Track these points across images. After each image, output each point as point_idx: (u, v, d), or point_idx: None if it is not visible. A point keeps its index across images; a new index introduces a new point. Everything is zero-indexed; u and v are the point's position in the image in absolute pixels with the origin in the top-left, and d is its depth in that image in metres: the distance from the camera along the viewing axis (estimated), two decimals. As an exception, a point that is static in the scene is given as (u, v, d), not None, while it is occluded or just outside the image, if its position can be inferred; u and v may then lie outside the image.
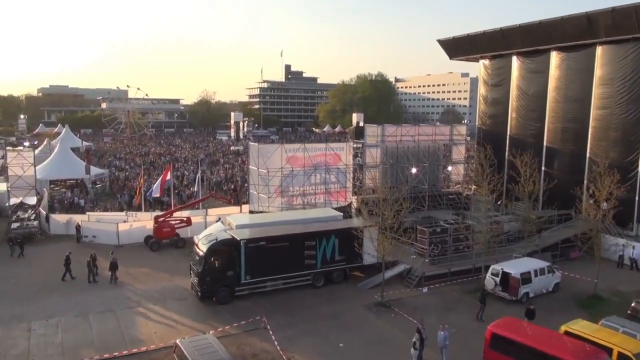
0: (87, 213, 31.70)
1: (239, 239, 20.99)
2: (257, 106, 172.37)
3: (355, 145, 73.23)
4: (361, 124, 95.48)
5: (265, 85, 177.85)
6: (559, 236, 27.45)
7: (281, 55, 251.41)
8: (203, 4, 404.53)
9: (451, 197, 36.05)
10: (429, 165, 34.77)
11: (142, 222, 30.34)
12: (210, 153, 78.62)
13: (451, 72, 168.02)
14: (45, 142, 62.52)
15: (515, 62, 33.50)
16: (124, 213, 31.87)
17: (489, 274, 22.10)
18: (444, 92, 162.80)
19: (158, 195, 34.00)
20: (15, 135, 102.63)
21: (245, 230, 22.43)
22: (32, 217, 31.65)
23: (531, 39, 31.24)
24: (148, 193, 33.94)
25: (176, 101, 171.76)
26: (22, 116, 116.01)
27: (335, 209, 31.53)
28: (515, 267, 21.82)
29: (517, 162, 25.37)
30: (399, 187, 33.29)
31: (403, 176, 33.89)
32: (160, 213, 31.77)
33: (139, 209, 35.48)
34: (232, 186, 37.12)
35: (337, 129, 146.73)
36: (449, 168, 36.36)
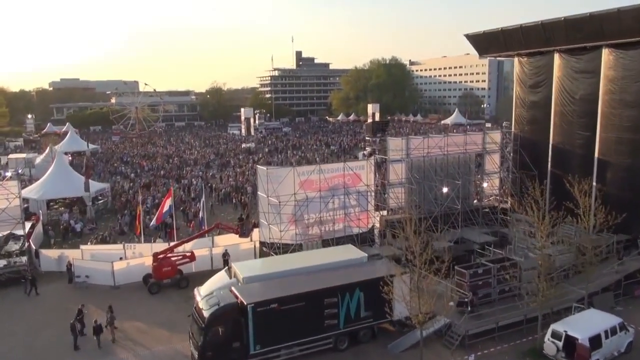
0: (81, 247, 28.48)
1: (246, 302, 17.46)
2: (268, 95, 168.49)
3: (371, 139, 69.61)
4: (377, 114, 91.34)
5: (276, 73, 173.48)
6: (623, 271, 23.51)
7: (292, 41, 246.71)
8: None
9: (485, 210, 32.20)
10: (461, 180, 30.83)
11: (140, 259, 26.99)
12: (221, 153, 75.19)
13: (468, 54, 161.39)
14: (47, 150, 59.59)
15: (558, 60, 29.16)
16: (121, 246, 28.57)
17: (548, 335, 18.30)
18: (461, 74, 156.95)
19: (157, 223, 30.62)
20: (23, 136, 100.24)
21: (254, 287, 18.89)
22: (21, 253, 28.62)
23: (578, 35, 26.88)
24: (151, 224, 30.65)
25: (186, 93, 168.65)
26: (29, 116, 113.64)
27: (357, 235, 28.15)
28: (581, 327, 17.94)
29: (574, 191, 21.17)
30: (428, 207, 29.75)
31: (431, 194, 30.00)
32: (160, 246, 28.62)
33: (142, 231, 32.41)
34: (239, 215, 33.60)
35: (352, 117, 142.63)
36: (484, 185, 32.38)
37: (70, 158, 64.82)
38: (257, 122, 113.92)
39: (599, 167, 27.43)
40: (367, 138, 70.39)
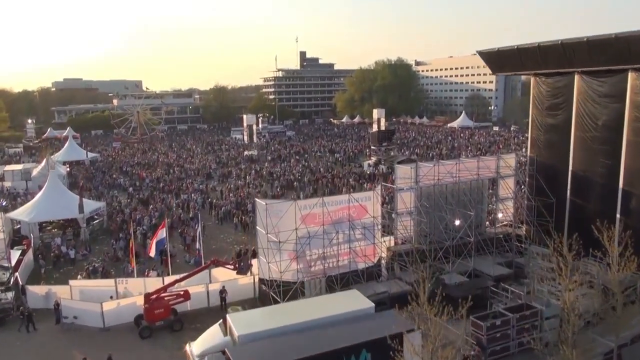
0: (70, 283, 26.79)
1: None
2: (272, 96, 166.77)
3: (375, 148, 67.67)
4: (382, 120, 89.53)
5: (280, 74, 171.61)
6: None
7: (296, 42, 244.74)
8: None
9: (499, 236, 30.31)
10: (474, 207, 28.98)
11: (132, 299, 25.28)
12: (223, 162, 73.48)
13: (475, 54, 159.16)
14: (44, 162, 57.97)
15: (579, 82, 27.18)
16: (112, 281, 26.88)
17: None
18: (467, 75, 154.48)
19: (151, 255, 28.91)
20: (23, 142, 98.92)
21: (249, 349, 17.10)
22: (7, 289, 26.97)
23: (602, 57, 24.89)
24: (156, 245, 28.88)
25: (189, 94, 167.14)
26: (30, 121, 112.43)
27: (362, 270, 26.36)
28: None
29: (603, 239, 19.16)
30: (438, 236, 27.93)
31: (442, 223, 28.14)
32: (154, 281, 26.93)
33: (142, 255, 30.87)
34: (237, 250, 31.87)
35: (356, 119, 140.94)
36: (499, 215, 30.49)
37: (68, 169, 63.48)
38: (260, 125, 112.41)
39: (624, 198, 25.49)
40: (372, 147, 68.73)
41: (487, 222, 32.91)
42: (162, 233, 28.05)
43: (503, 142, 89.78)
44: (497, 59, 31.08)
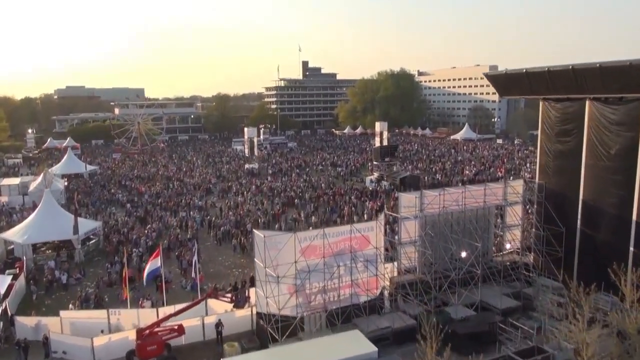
0: (61, 314, 25.75)
1: None
2: (274, 105, 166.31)
3: (377, 164, 66.64)
4: (385, 133, 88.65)
5: (282, 83, 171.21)
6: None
7: (299, 51, 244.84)
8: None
9: (506, 264, 29.26)
10: (480, 236, 27.97)
11: (123, 333, 24.24)
12: (223, 176, 72.57)
13: (478, 65, 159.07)
14: (41, 176, 57.11)
15: (590, 108, 26.18)
16: (104, 312, 25.83)
17: None
18: (471, 86, 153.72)
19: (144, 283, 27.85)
20: (22, 153, 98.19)
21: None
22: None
23: (615, 84, 23.91)
24: (146, 275, 27.67)
25: (190, 104, 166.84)
26: (30, 131, 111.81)
27: (365, 304, 25.29)
28: None
29: (621, 284, 18.07)
30: (443, 266, 26.88)
31: (447, 254, 27.09)
32: (148, 313, 25.88)
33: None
34: (234, 282, 30.75)
35: (358, 130, 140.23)
36: (507, 246, 29.45)
37: (66, 183, 62.61)
38: (262, 136, 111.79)
39: (638, 231, 24.38)
40: (375, 162, 67.78)
41: (494, 249, 31.86)
42: (156, 262, 26.95)
43: (507, 155, 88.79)
44: (504, 82, 30.15)
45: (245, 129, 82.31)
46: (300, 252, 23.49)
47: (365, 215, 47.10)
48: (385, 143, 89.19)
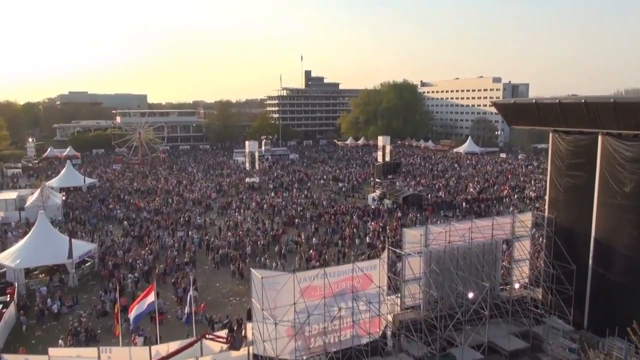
0: (49, 352, 24.64)
1: None
2: (276, 115, 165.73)
3: (379, 181, 65.57)
4: (387, 147, 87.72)
5: (284, 93, 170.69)
6: None
7: (301, 60, 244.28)
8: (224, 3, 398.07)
9: (514, 298, 28.13)
10: (487, 273, 26.93)
11: (114, 375, 23.19)
12: (223, 190, 71.61)
13: (482, 77, 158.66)
14: (38, 192, 56.18)
15: (603, 143, 25.16)
16: (95, 350, 24.73)
17: None
18: (474, 98, 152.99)
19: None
20: (22, 163, 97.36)
21: None
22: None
23: (631, 120, 22.88)
24: (133, 319, 26.28)
25: (192, 112, 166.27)
26: (30, 139, 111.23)
27: (366, 346, 24.21)
28: None
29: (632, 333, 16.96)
30: (448, 303, 25.80)
31: (452, 293, 26.02)
32: (140, 351, 24.78)
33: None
34: (227, 320, 29.53)
35: (361, 141, 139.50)
36: (516, 286, 28.36)
37: (64, 197, 61.68)
38: (263, 148, 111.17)
39: (653, 274, 23.31)
40: (377, 180, 66.70)
41: (501, 281, 30.76)
42: (150, 298, 25.77)
43: (511, 171, 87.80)
44: (513, 112, 29.18)
45: (247, 143, 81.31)
46: (299, 292, 22.45)
47: (367, 238, 46.06)
48: (387, 157, 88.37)
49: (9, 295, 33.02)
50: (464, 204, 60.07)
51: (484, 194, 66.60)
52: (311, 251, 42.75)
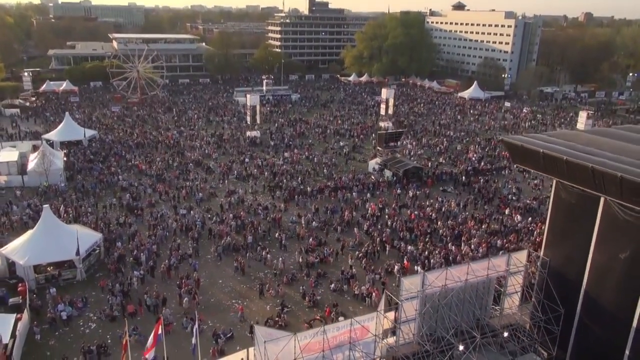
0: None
1: None
2: (278, 42, 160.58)
3: (378, 158, 65.50)
4: (391, 100, 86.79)
5: (287, 20, 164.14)
6: None
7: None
8: None
9: (504, 325, 29.77)
10: (480, 306, 28.22)
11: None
12: (225, 149, 71.72)
13: (493, 10, 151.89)
14: (39, 155, 56.19)
15: (604, 206, 25.28)
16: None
17: None
18: (484, 33, 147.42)
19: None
20: (19, 102, 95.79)
21: None
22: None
23: (635, 197, 22.84)
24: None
25: (192, 40, 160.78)
26: (26, 73, 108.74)
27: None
28: None
29: None
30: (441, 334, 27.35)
31: (442, 327, 27.51)
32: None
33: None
34: (231, 333, 30.96)
35: (364, 77, 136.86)
36: (505, 335, 29.56)
37: (65, 158, 61.66)
38: (264, 88, 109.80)
39: (636, 339, 24.44)
40: (378, 149, 66.53)
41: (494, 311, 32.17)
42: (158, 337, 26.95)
43: (514, 128, 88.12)
44: (520, 154, 28.88)
45: (247, 96, 79.90)
46: (300, 349, 23.73)
47: (365, 226, 47.15)
48: (390, 111, 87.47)
49: (20, 296, 34.49)
50: (463, 177, 60.70)
51: (484, 163, 66.82)
52: (310, 239, 44.03)
